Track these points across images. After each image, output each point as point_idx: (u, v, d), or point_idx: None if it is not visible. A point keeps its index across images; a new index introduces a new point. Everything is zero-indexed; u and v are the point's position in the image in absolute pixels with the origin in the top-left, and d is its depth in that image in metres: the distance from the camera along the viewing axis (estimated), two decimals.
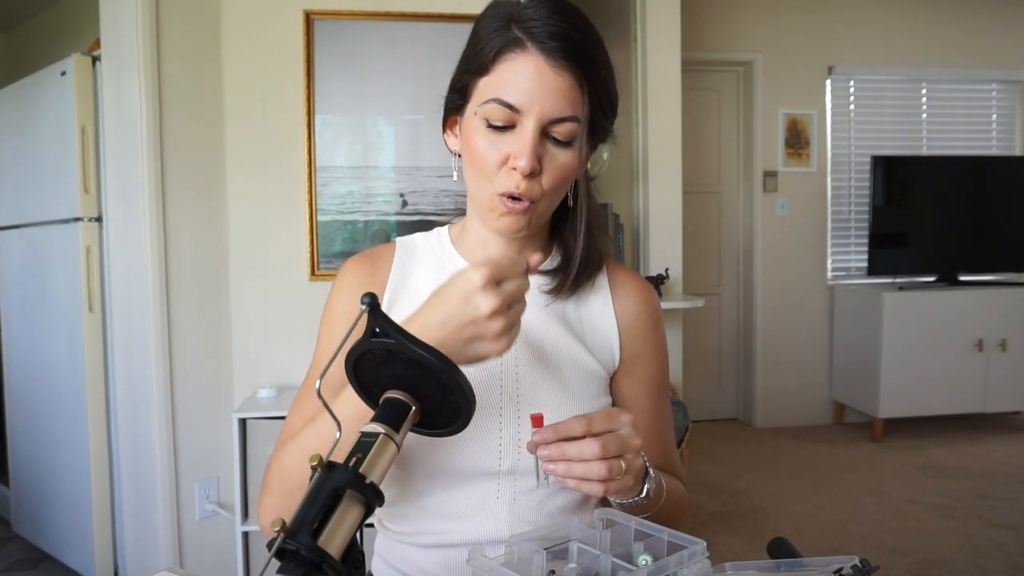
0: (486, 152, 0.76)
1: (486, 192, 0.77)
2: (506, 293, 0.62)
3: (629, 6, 3.37)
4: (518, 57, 0.73)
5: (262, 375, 2.41)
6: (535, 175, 0.75)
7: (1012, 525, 2.80)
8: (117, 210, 2.23)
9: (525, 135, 0.73)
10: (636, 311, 0.89)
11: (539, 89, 0.73)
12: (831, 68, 4.31)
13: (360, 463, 0.50)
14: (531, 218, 0.78)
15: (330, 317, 0.87)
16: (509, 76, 0.74)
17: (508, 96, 0.73)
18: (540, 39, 0.72)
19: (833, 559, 0.64)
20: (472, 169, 0.79)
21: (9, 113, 2.70)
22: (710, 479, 3.41)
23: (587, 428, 0.67)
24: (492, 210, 0.78)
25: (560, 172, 0.76)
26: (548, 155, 0.76)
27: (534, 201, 0.77)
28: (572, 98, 0.74)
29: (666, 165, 3.24)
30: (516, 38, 0.73)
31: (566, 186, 0.80)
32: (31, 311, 2.63)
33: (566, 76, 0.73)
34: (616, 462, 0.67)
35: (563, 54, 0.72)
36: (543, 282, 0.86)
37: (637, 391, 0.89)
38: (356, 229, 2.47)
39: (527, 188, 0.75)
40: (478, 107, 0.76)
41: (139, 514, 2.24)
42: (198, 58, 2.31)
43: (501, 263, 0.64)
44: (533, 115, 0.73)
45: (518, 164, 0.74)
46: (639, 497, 0.73)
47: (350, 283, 0.87)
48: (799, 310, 4.36)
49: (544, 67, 0.73)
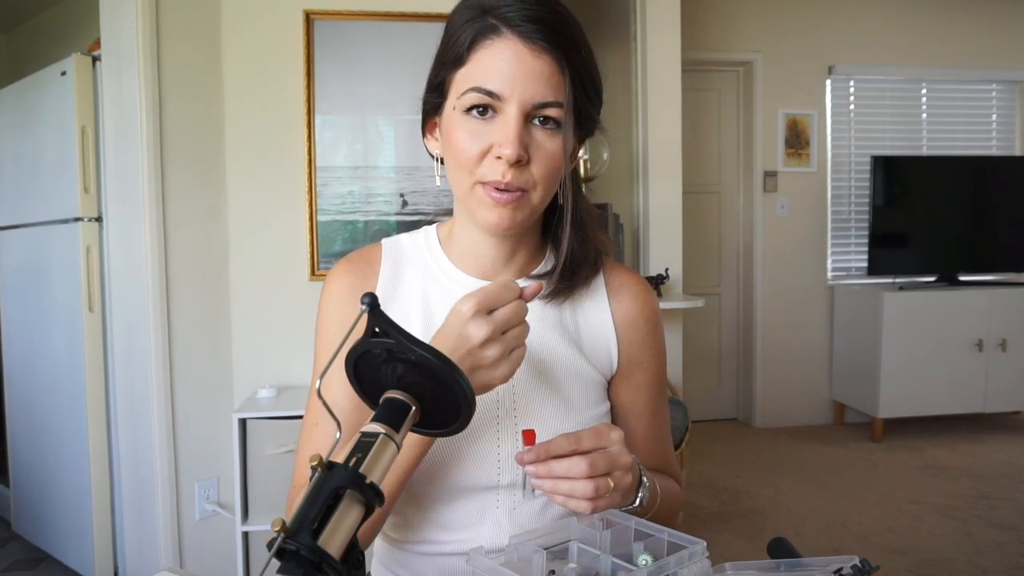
0: (467, 144, 0.72)
1: (468, 183, 0.74)
2: (497, 321, 0.63)
3: (629, 6, 3.37)
4: (494, 43, 0.71)
5: (262, 375, 2.41)
6: (523, 164, 0.72)
7: (1012, 525, 2.80)
8: (117, 210, 2.23)
9: (508, 122, 0.70)
10: (634, 314, 0.86)
11: (519, 73, 0.70)
12: (831, 68, 4.31)
13: (360, 463, 0.49)
14: (523, 211, 0.75)
15: (324, 330, 0.84)
16: (486, 63, 0.71)
17: (487, 83, 0.70)
18: (516, 23, 0.70)
19: (833, 559, 0.64)
20: (455, 164, 0.75)
21: (9, 113, 2.70)
22: (710, 479, 3.41)
23: (575, 447, 0.67)
24: (479, 204, 0.74)
25: (551, 159, 0.73)
26: (535, 143, 0.72)
27: (525, 191, 0.73)
28: (554, 82, 0.71)
29: (666, 165, 3.24)
30: (491, 25, 0.71)
31: (558, 176, 0.75)
32: (31, 311, 2.63)
33: (546, 59, 0.70)
34: (604, 480, 0.67)
35: (541, 36, 0.70)
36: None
37: (635, 396, 0.88)
38: (356, 229, 2.47)
39: (515, 177, 0.71)
40: (456, 100, 0.73)
41: (139, 514, 2.24)
42: (198, 58, 2.31)
43: (490, 290, 0.64)
44: (515, 101, 0.70)
45: (503, 152, 0.70)
46: (632, 506, 0.73)
47: (341, 294, 0.84)
48: (799, 310, 4.36)
49: (523, 51, 0.70)
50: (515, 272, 0.84)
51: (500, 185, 0.72)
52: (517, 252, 0.83)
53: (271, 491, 2.21)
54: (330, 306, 0.84)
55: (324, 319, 0.84)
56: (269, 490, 2.21)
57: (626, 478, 0.70)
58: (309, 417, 0.83)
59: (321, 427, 0.81)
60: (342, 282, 0.84)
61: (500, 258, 0.83)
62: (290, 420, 2.17)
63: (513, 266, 0.84)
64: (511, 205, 0.73)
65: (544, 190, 0.75)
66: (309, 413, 0.83)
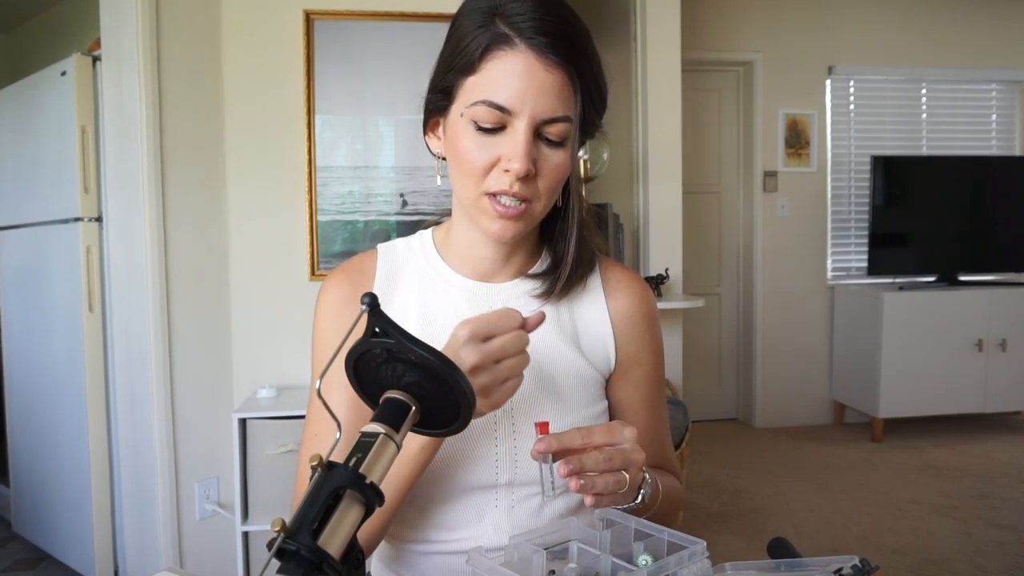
0: (475, 155, 0.72)
1: (475, 194, 0.74)
2: (489, 350, 0.63)
3: (629, 6, 3.37)
4: (507, 55, 0.69)
5: (262, 375, 2.41)
6: (530, 177, 0.72)
7: (1012, 525, 2.80)
8: (117, 210, 2.23)
9: (517, 137, 0.70)
10: (631, 311, 0.86)
11: (531, 88, 0.69)
12: (831, 68, 4.31)
13: (360, 463, 0.50)
14: (526, 222, 0.75)
15: (319, 343, 0.84)
16: (498, 75, 0.70)
17: (498, 97, 0.70)
18: (529, 35, 0.69)
19: (833, 559, 0.64)
20: (460, 172, 0.75)
21: (9, 113, 2.70)
22: (710, 479, 3.41)
23: (587, 441, 0.67)
24: (483, 215, 0.75)
25: (556, 173, 0.73)
26: (542, 156, 0.72)
27: (529, 202, 0.74)
28: (564, 96, 0.71)
29: (666, 165, 3.24)
30: (503, 34, 0.69)
31: (562, 185, 0.77)
32: (31, 311, 2.63)
33: (558, 73, 0.70)
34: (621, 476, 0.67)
35: (554, 50, 0.69)
36: (533, 286, 0.84)
37: (633, 394, 0.88)
38: (356, 229, 2.47)
39: (521, 189, 0.72)
40: (465, 108, 0.72)
41: (139, 514, 2.24)
42: (198, 58, 2.31)
43: (488, 318, 0.64)
44: (525, 116, 0.70)
45: (512, 167, 0.70)
46: (634, 503, 0.73)
47: (333, 307, 0.83)
48: (799, 310, 4.36)
49: (535, 65, 0.69)
50: (512, 273, 0.85)
51: (508, 194, 0.72)
52: (515, 253, 0.84)
53: (271, 491, 2.21)
54: (324, 321, 0.84)
55: (318, 333, 0.84)
56: (269, 490, 2.21)
57: (638, 476, 0.70)
58: (309, 429, 0.83)
59: (321, 438, 0.81)
60: (335, 294, 0.84)
61: (498, 259, 0.83)
62: (290, 420, 2.17)
63: (510, 267, 0.84)
64: (515, 218, 0.74)
65: (547, 200, 0.76)
66: (308, 425, 0.83)
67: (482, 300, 0.83)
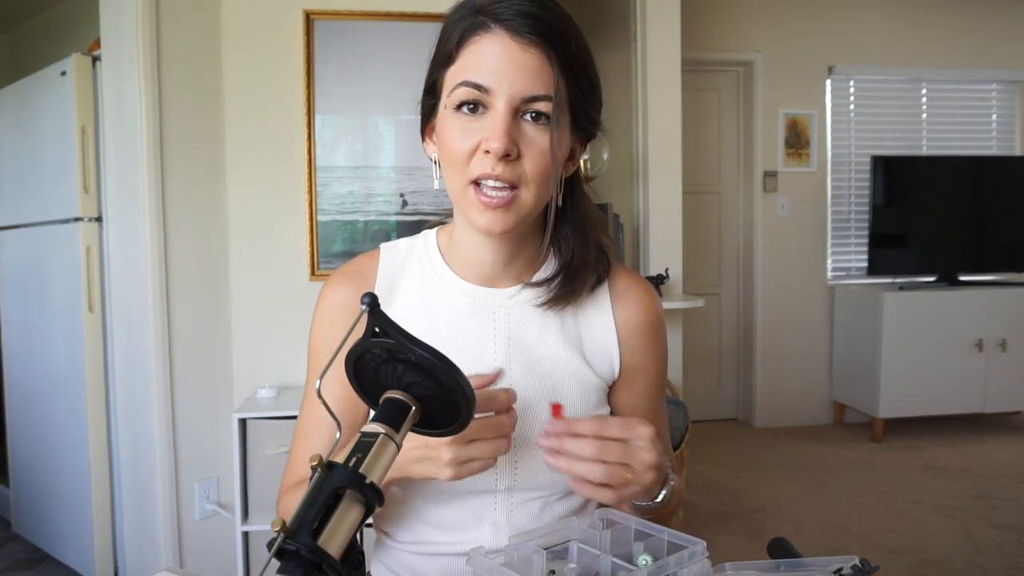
0: (458, 143, 0.72)
1: (461, 184, 0.73)
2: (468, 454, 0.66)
3: (629, 6, 3.37)
4: (483, 38, 0.71)
5: (262, 375, 2.41)
6: (513, 159, 0.71)
7: (1012, 525, 2.80)
8: (117, 210, 2.23)
9: (496, 116, 0.70)
10: (637, 320, 0.85)
11: (507, 67, 0.70)
12: (831, 68, 4.30)
13: (360, 463, 0.50)
14: (516, 212, 0.73)
15: (316, 347, 0.84)
16: (474, 58, 0.71)
17: (475, 77, 0.70)
18: (504, 18, 0.70)
19: (833, 559, 0.64)
20: (447, 164, 0.75)
21: (9, 113, 2.70)
22: (710, 479, 3.41)
23: (598, 431, 0.67)
24: (471, 207, 0.73)
25: (542, 155, 0.72)
26: (525, 137, 0.71)
27: (515, 186, 0.72)
28: (544, 75, 0.70)
29: (666, 165, 3.24)
30: (480, 22, 0.71)
31: (551, 173, 0.74)
32: (31, 311, 2.63)
33: (534, 52, 0.70)
34: (617, 469, 0.67)
35: (529, 29, 0.69)
36: (536, 295, 0.82)
37: (636, 401, 0.87)
38: (356, 229, 2.47)
39: (505, 171, 0.71)
40: (447, 98, 0.73)
41: (139, 514, 2.24)
42: (198, 58, 2.31)
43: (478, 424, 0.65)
44: (503, 94, 0.70)
45: (491, 146, 0.69)
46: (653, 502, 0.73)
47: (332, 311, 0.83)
48: (799, 310, 4.36)
49: (510, 44, 0.70)
50: (514, 278, 0.83)
51: (491, 177, 0.71)
52: (516, 257, 0.82)
53: (271, 491, 2.21)
54: (322, 323, 0.84)
55: (316, 334, 0.84)
56: (269, 490, 2.21)
57: (648, 475, 0.68)
58: (299, 430, 0.84)
59: (310, 441, 0.82)
60: (336, 298, 0.84)
61: (499, 263, 0.82)
62: (290, 420, 2.17)
63: (513, 271, 0.83)
64: (502, 208, 0.72)
65: (537, 188, 0.73)
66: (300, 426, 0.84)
67: (484, 305, 0.82)
